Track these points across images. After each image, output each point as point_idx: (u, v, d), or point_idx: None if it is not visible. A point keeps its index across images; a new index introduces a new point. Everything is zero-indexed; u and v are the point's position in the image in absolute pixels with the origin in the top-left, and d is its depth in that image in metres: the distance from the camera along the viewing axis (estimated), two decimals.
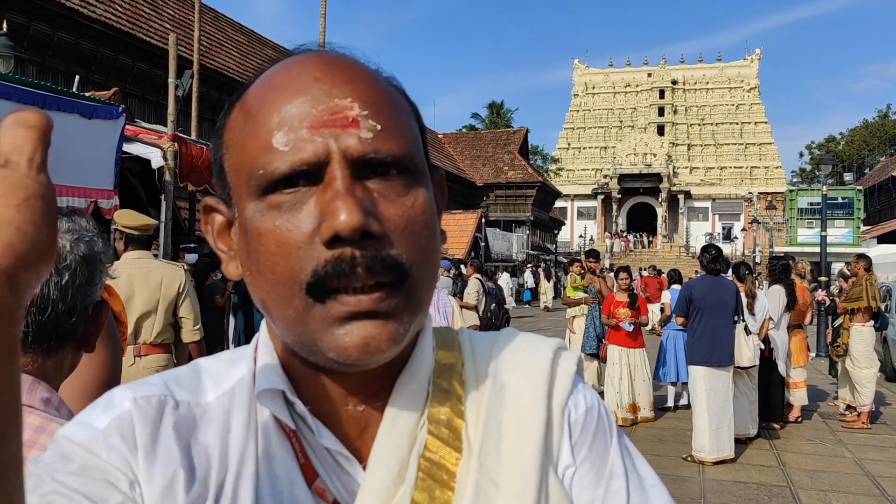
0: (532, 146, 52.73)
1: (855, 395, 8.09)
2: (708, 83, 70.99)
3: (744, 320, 6.82)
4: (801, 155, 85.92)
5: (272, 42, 25.90)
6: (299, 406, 0.59)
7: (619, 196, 60.48)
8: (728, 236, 54.56)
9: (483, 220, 28.19)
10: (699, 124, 68.72)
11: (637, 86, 72.23)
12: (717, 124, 68.60)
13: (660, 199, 59.43)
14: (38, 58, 14.29)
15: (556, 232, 51.33)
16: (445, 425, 0.62)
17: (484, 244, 27.43)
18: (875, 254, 15.97)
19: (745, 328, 6.84)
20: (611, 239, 53.67)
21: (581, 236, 56.07)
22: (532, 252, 37.71)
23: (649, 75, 71.83)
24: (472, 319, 9.82)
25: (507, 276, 24.70)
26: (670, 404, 8.75)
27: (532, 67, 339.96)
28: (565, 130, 71.72)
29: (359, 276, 0.53)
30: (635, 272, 18.79)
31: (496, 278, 15.70)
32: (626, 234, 58.18)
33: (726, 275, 7.06)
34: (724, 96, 70.00)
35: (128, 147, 6.58)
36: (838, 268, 14.56)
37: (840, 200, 32.92)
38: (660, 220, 59.60)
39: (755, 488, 5.71)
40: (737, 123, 68.16)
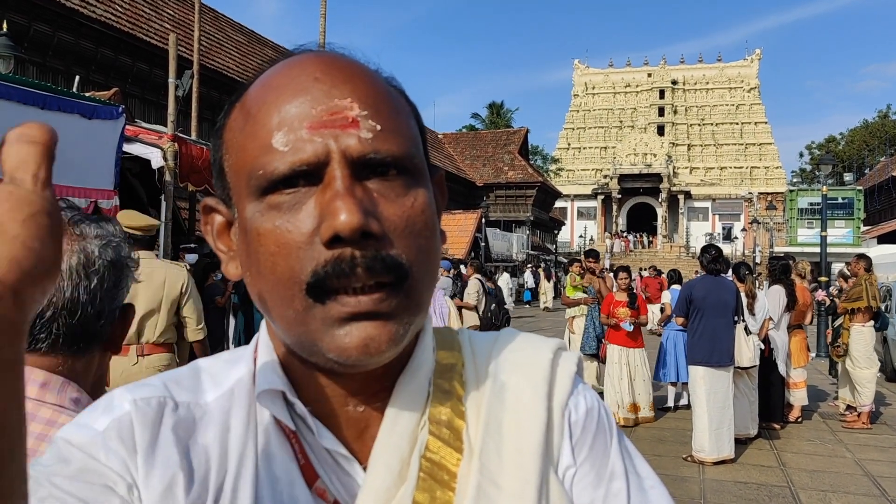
0: (532, 146, 52.75)
1: (855, 395, 8.09)
2: (708, 83, 70.96)
3: (744, 320, 6.81)
4: (801, 155, 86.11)
5: (272, 42, 25.91)
6: (299, 407, 0.59)
7: (619, 196, 60.48)
8: (728, 236, 54.58)
9: (483, 220, 28.18)
10: (699, 124, 68.69)
11: (637, 86, 72.21)
12: (717, 124, 68.57)
13: (660, 200, 59.43)
14: (39, 58, 14.29)
15: (556, 232, 51.34)
16: (446, 426, 0.62)
17: (484, 244, 27.43)
18: (875, 254, 15.98)
19: (746, 328, 6.84)
20: (611, 239, 53.63)
21: (581, 236, 56.03)
22: (532, 252, 37.70)
23: (649, 75, 71.81)
24: (473, 320, 9.82)
25: (507, 276, 24.68)
26: (670, 404, 8.74)
27: (532, 67, 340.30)
28: (565, 130, 71.72)
29: (359, 276, 0.53)
30: (635, 272, 18.82)
31: (496, 278, 15.68)
32: (626, 235, 58.17)
33: (726, 275, 7.05)
34: (724, 96, 69.97)
35: (128, 147, 6.58)
36: (838, 268, 14.56)
37: (840, 201, 32.96)
38: (660, 221, 59.60)
39: (755, 488, 5.71)
40: (737, 123, 68.13)
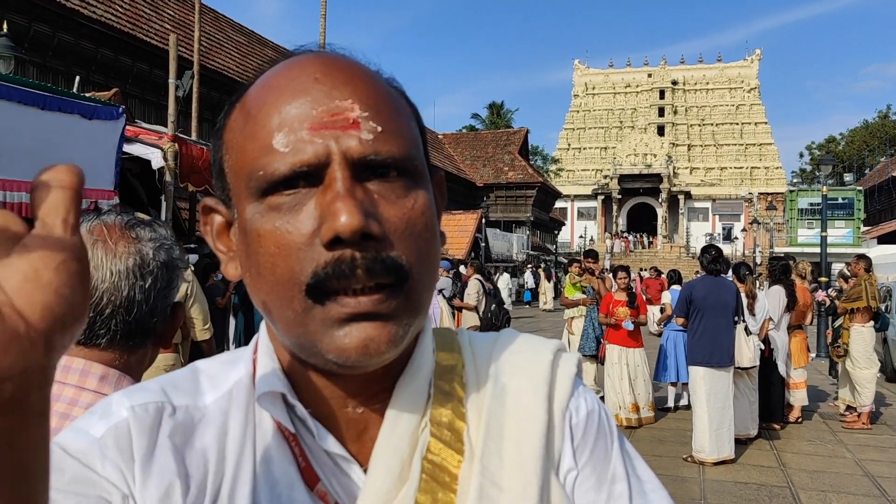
0: (532, 146, 52.75)
1: (855, 395, 8.08)
2: (708, 83, 70.97)
3: (744, 321, 6.81)
4: (801, 155, 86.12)
5: (272, 42, 25.91)
6: (300, 409, 0.59)
7: (620, 196, 60.49)
8: (728, 237, 54.60)
9: (483, 220, 28.16)
10: (699, 125, 68.70)
11: (637, 86, 72.22)
12: (717, 125, 68.58)
13: (660, 200, 59.44)
14: (39, 58, 14.30)
15: (556, 232, 51.34)
16: (447, 427, 0.61)
17: (484, 245, 27.41)
18: (875, 254, 16.01)
19: (746, 329, 6.84)
20: (611, 239, 53.62)
21: (581, 237, 56.02)
22: (532, 252, 37.69)
23: (649, 76, 71.82)
24: (473, 320, 9.82)
25: (507, 276, 24.66)
26: (670, 405, 8.74)
27: (532, 68, 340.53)
28: (565, 131, 71.73)
29: (359, 277, 0.53)
30: (635, 273, 18.84)
31: (495, 279, 15.65)
32: (627, 235, 58.19)
33: (726, 275, 7.05)
34: (725, 97, 69.98)
35: (128, 148, 6.59)
36: (838, 268, 14.56)
37: (840, 201, 33.00)
38: (660, 221, 59.61)
39: (755, 489, 5.70)
40: (737, 124, 68.14)
